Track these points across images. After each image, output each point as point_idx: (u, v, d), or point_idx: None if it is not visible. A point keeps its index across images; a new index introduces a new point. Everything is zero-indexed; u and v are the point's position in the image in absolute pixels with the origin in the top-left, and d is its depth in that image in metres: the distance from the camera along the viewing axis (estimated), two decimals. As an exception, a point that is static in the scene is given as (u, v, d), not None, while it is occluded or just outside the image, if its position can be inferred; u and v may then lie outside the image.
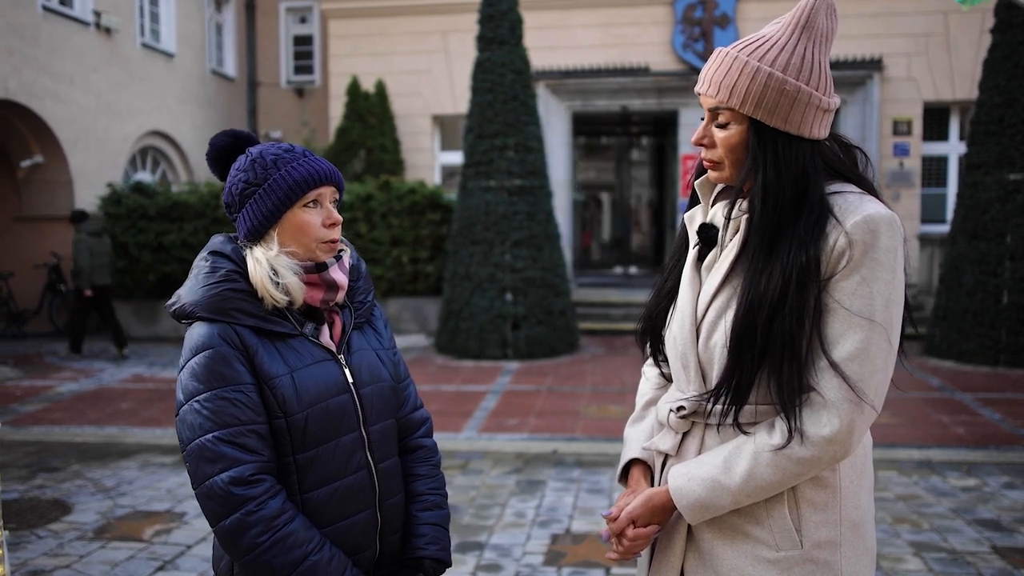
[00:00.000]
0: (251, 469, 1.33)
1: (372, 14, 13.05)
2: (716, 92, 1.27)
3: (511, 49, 9.00)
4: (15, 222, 11.20)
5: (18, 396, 7.30)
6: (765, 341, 1.22)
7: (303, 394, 1.39)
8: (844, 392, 1.20)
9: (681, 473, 1.31)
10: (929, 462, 5.02)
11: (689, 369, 1.33)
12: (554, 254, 9.12)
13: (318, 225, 1.43)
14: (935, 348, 8.56)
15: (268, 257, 1.39)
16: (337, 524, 1.43)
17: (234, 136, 1.50)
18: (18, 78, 9.92)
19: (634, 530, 1.34)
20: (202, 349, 1.35)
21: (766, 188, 1.24)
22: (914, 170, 12.18)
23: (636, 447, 1.46)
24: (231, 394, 1.34)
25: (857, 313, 1.20)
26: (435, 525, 1.57)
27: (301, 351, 1.42)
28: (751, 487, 1.24)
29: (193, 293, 1.39)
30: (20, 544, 3.88)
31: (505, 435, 5.78)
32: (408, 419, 1.63)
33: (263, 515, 1.32)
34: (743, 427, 1.28)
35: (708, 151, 1.32)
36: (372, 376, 1.51)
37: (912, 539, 3.84)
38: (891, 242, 1.21)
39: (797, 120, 1.24)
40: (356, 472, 1.46)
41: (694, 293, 1.35)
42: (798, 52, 1.24)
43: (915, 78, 12.01)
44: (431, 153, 13.21)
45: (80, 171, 11.08)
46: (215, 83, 14.42)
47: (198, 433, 1.33)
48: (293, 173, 1.41)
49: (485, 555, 3.73)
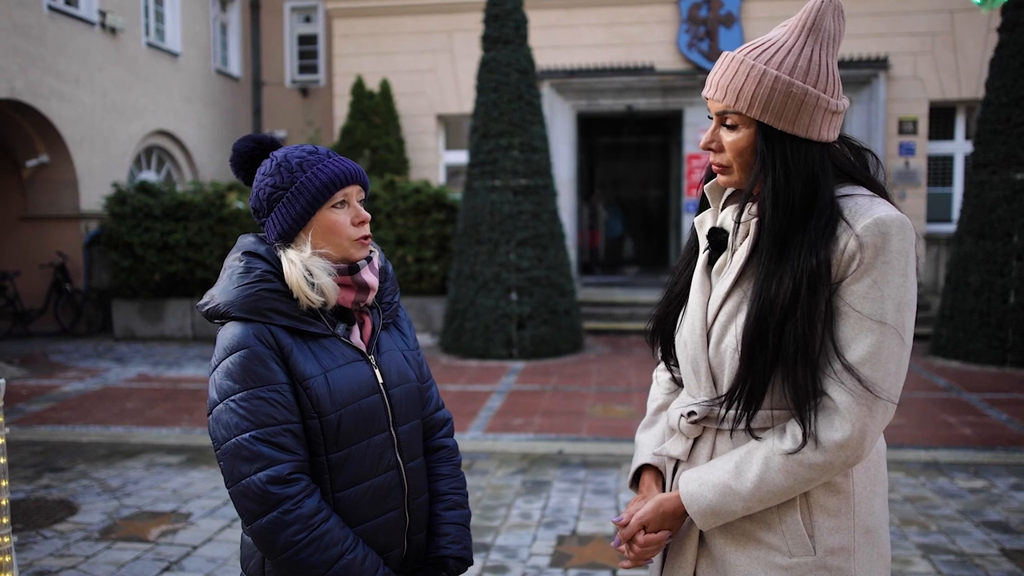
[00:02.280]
0: (288, 468, 1.34)
1: (377, 13, 13.05)
2: (723, 96, 1.26)
3: (516, 48, 8.99)
4: (21, 221, 11.23)
5: (24, 396, 7.31)
6: (777, 345, 1.21)
7: (336, 394, 1.40)
8: (856, 397, 1.19)
9: (692, 478, 1.30)
10: (936, 463, 5.01)
11: (700, 374, 1.33)
12: (559, 253, 9.11)
13: (348, 224, 1.45)
14: (941, 348, 8.53)
15: (302, 258, 1.41)
16: (368, 523, 1.45)
17: (257, 141, 1.51)
18: (24, 78, 9.94)
19: (645, 536, 1.33)
20: (237, 348, 1.36)
21: (776, 191, 1.24)
22: (920, 169, 12.14)
23: (647, 452, 1.45)
24: (267, 393, 1.35)
25: (869, 316, 1.19)
26: (458, 524, 1.60)
27: (333, 352, 1.44)
28: (763, 492, 1.23)
29: (228, 293, 1.40)
30: (26, 545, 3.89)
31: (510, 435, 5.78)
32: (432, 419, 1.66)
33: (300, 513, 1.33)
34: (755, 432, 1.27)
35: (716, 155, 1.31)
36: (400, 376, 1.53)
37: (920, 541, 3.82)
38: (902, 244, 1.20)
39: (805, 123, 1.23)
40: (386, 472, 1.47)
41: (704, 298, 1.35)
42: (805, 54, 1.24)
43: (921, 77, 11.97)
44: (436, 153, 13.20)
45: (85, 171, 11.10)
46: (220, 83, 14.44)
47: (234, 432, 1.34)
48: (320, 175, 1.43)
49: (491, 556, 3.73)
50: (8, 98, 9.75)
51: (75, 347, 10.13)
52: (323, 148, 1.48)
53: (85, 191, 11.11)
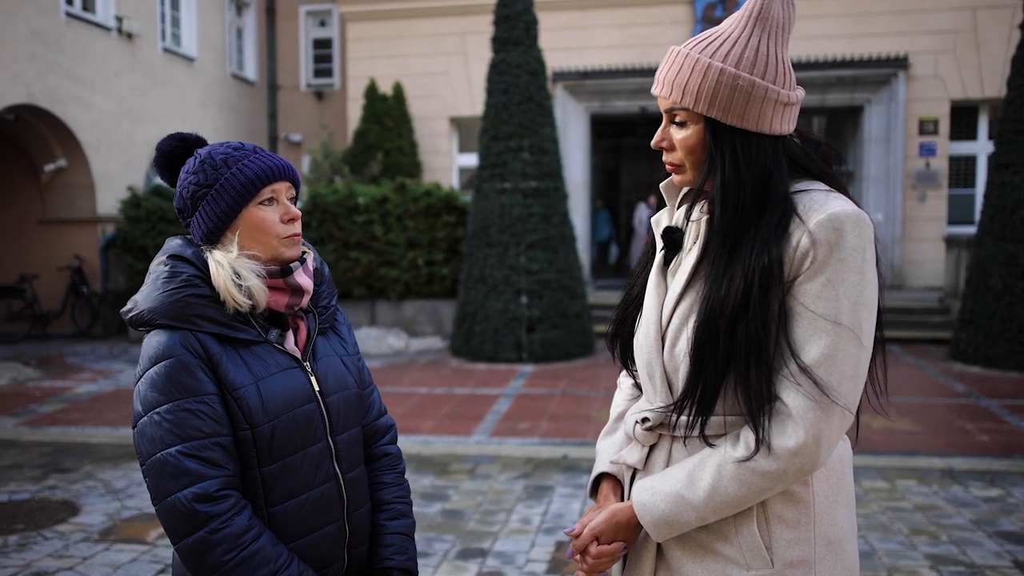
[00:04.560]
0: (216, 484, 1.28)
1: (390, 16, 13.08)
2: (670, 92, 1.22)
3: (526, 50, 8.94)
4: (39, 225, 11.37)
5: (38, 397, 7.38)
6: (728, 348, 1.16)
7: (269, 404, 1.34)
8: (810, 401, 1.13)
9: (645, 488, 1.24)
10: (951, 471, 4.87)
11: (655, 379, 1.27)
12: (570, 256, 9.04)
13: (276, 221, 1.39)
14: (961, 353, 8.34)
15: (229, 260, 1.35)
16: (305, 538, 1.40)
17: (181, 139, 1.46)
18: (42, 83, 10.06)
19: (598, 547, 1.27)
20: (162, 358, 1.31)
21: (725, 188, 1.19)
22: (941, 170, 11.93)
23: (605, 460, 1.40)
24: (193, 405, 1.29)
25: (822, 316, 1.13)
26: (402, 534, 1.55)
27: (266, 359, 1.37)
28: (716, 502, 1.18)
29: (152, 299, 1.34)
30: (27, 545, 3.90)
31: (516, 439, 5.72)
32: (373, 426, 1.60)
33: (229, 532, 1.27)
34: (710, 439, 1.21)
35: (668, 154, 1.27)
36: (338, 383, 1.47)
37: (929, 551, 3.71)
38: (858, 241, 1.14)
39: (755, 116, 1.18)
40: (324, 483, 1.42)
41: (659, 300, 1.29)
42: (752, 45, 1.19)
43: (942, 76, 11.77)
44: (449, 155, 13.20)
45: (102, 174, 11.22)
46: (236, 87, 14.55)
47: (159, 447, 1.28)
48: (245, 171, 1.37)
49: (488, 562, 3.67)
50: (26, 103, 9.88)
51: (91, 349, 10.22)
52: (250, 144, 1.43)
53: (102, 195, 11.22)
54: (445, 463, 5.25)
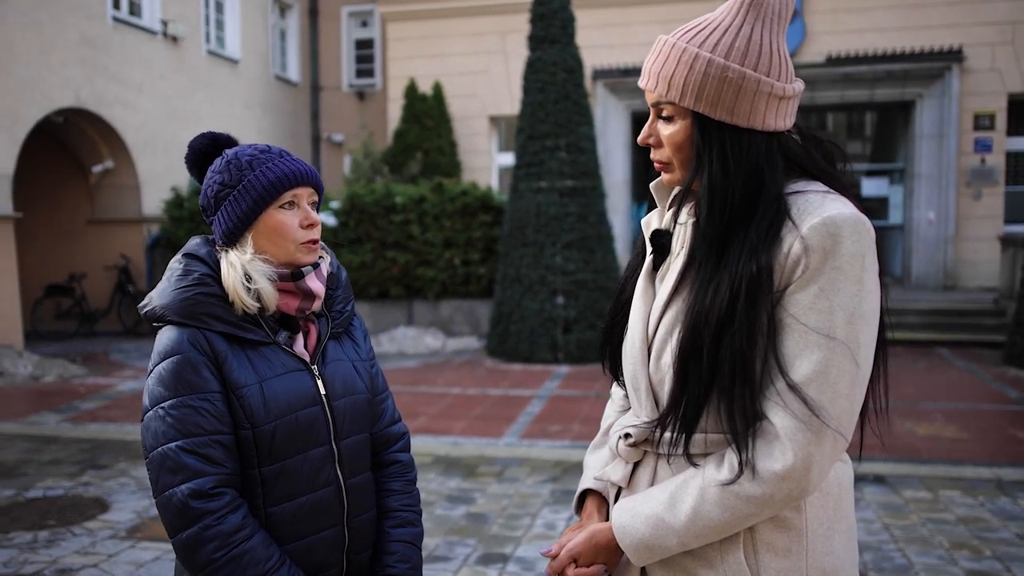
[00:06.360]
0: (212, 482, 1.30)
1: (430, 16, 13.10)
2: (656, 85, 1.14)
3: (563, 48, 8.85)
4: (88, 225, 11.67)
5: (82, 393, 7.56)
6: (713, 362, 1.06)
7: (271, 405, 1.36)
8: (798, 422, 1.03)
9: (626, 509, 1.16)
10: (999, 481, 4.64)
11: (640, 392, 1.19)
12: (607, 256, 8.92)
13: (295, 226, 1.40)
14: (1016, 358, 7.99)
15: (243, 261, 1.37)
16: (302, 540, 1.40)
17: (213, 138, 1.48)
18: (90, 87, 10.32)
19: (575, 570, 1.19)
20: (171, 354, 1.33)
21: (712, 188, 1.10)
22: (997, 167, 11.47)
23: (591, 476, 1.32)
24: (196, 402, 1.31)
25: (815, 329, 1.03)
26: (406, 543, 1.54)
27: (273, 360, 1.39)
28: (698, 527, 1.09)
29: (164, 296, 1.37)
30: (55, 542, 3.96)
31: (547, 441, 5.64)
32: (384, 433, 1.59)
33: (221, 530, 1.28)
34: (694, 458, 1.12)
35: (656, 151, 1.18)
36: (346, 388, 1.47)
37: (970, 567, 3.52)
38: (856, 247, 1.04)
39: (746, 110, 1.09)
40: (324, 487, 1.42)
41: (646, 307, 1.21)
42: (744, 34, 1.09)
43: (999, 69, 11.31)
44: (488, 155, 13.16)
45: (148, 176, 11.46)
46: (279, 88, 14.74)
47: (161, 441, 1.31)
48: (268, 173, 1.39)
49: (508, 568, 3.60)
50: (75, 106, 10.14)
51: (136, 347, 10.45)
52: (277, 148, 1.44)
53: (147, 195, 11.47)
54: (473, 465, 5.20)
